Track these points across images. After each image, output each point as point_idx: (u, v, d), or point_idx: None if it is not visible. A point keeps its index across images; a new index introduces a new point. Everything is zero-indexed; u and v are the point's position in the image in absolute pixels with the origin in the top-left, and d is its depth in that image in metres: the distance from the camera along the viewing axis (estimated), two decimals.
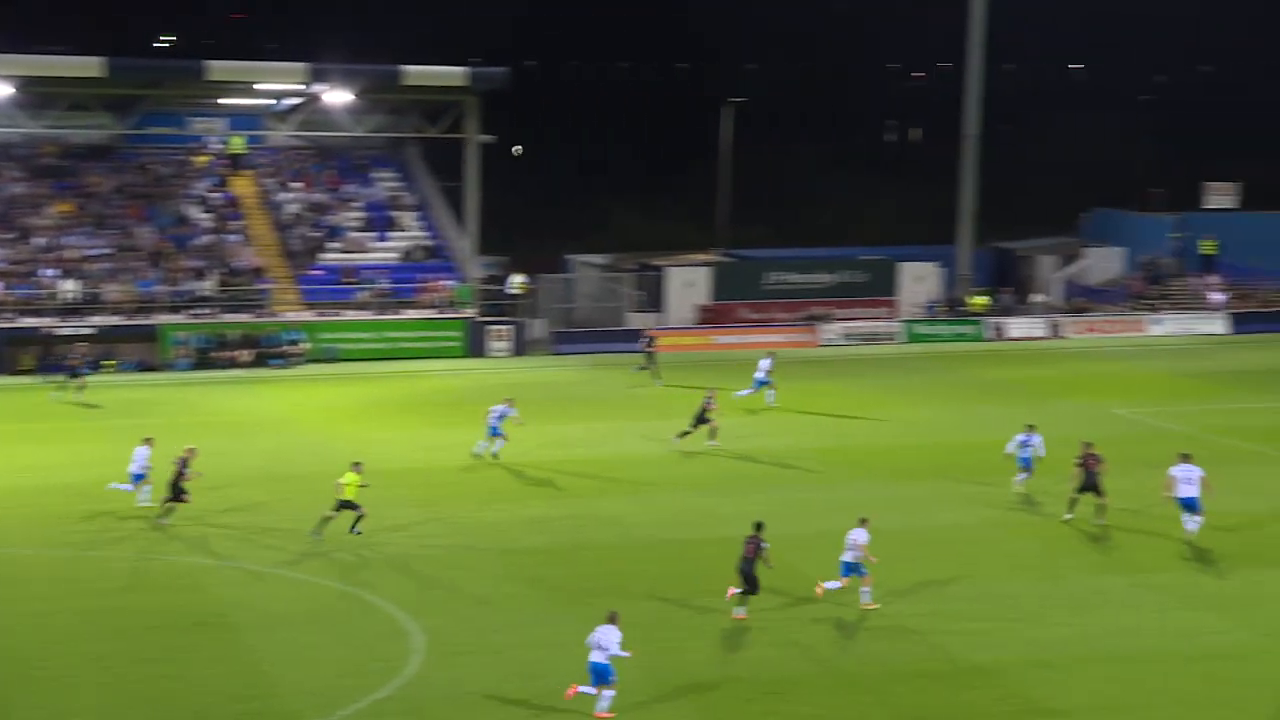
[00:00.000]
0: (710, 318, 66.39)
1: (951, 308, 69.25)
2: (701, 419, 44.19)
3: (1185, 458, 35.42)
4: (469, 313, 61.88)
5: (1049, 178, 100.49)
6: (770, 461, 43.43)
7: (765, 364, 50.67)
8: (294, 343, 58.91)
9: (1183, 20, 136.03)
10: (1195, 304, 70.47)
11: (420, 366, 58.99)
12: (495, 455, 42.77)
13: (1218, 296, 70.13)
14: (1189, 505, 34.83)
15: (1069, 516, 37.03)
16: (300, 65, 60.92)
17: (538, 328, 64.09)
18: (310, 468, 41.48)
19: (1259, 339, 66.29)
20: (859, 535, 30.75)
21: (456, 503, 38.58)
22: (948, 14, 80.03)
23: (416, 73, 62.31)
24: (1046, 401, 52.73)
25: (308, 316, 60.21)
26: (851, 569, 30.72)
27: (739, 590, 30.01)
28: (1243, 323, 68.40)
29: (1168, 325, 68.03)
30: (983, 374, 57.58)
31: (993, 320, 67.32)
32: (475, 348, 61.28)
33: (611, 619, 25.76)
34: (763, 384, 50.40)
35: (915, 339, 65.73)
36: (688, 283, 67.10)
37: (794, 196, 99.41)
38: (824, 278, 68.33)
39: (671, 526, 36.88)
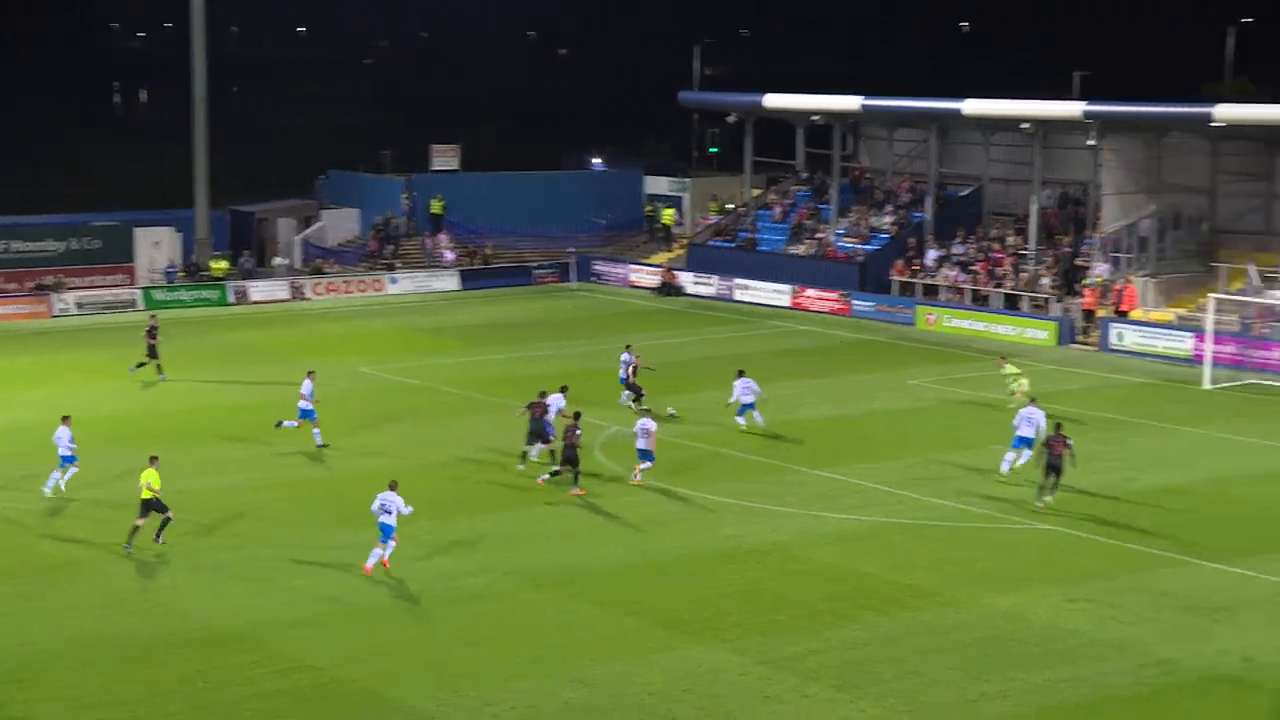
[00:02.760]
0: None
1: (192, 272, 68.09)
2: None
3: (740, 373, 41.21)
4: None
5: (282, 140, 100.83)
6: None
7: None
8: None
9: None
10: (429, 262, 73.17)
11: None
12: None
13: (449, 254, 73.14)
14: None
15: (521, 467, 38.05)
16: None
17: None
18: None
19: (486, 294, 69.82)
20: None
21: None
22: None
23: None
24: (295, 361, 52.96)
25: None
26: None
27: (559, 469, 35.93)
28: (471, 279, 71.74)
29: (404, 283, 70.19)
30: (229, 338, 57.07)
31: (235, 284, 66.79)
32: None
33: (392, 486, 30.82)
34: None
35: (156, 305, 63.99)
36: None
37: (12, 160, 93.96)
38: (54, 245, 65.19)
39: None
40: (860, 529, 34.06)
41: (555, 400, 38.90)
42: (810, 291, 65.00)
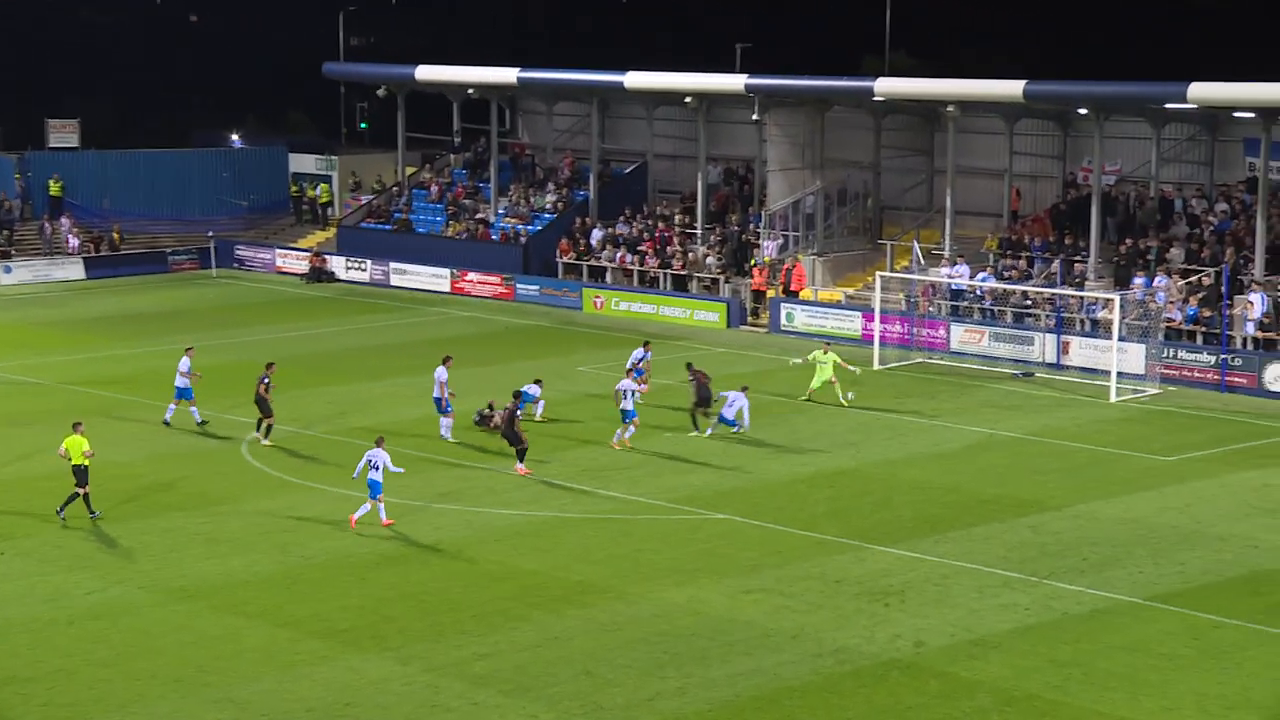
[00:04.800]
0: None
1: None
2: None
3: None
4: None
5: None
6: None
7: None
8: None
9: None
10: (48, 249, 70.42)
11: None
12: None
13: (73, 241, 70.56)
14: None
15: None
16: None
17: None
18: None
19: (115, 283, 67.67)
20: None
21: None
22: None
23: None
24: None
25: None
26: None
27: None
28: (98, 267, 69.38)
29: (20, 273, 67.58)
30: None
31: None
32: None
33: (379, 442, 33.43)
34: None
35: None
36: None
37: None
38: None
39: None
40: (528, 525, 34.30)
41: (440, 373, 40.74)
42: (472, 275, 65.09)
